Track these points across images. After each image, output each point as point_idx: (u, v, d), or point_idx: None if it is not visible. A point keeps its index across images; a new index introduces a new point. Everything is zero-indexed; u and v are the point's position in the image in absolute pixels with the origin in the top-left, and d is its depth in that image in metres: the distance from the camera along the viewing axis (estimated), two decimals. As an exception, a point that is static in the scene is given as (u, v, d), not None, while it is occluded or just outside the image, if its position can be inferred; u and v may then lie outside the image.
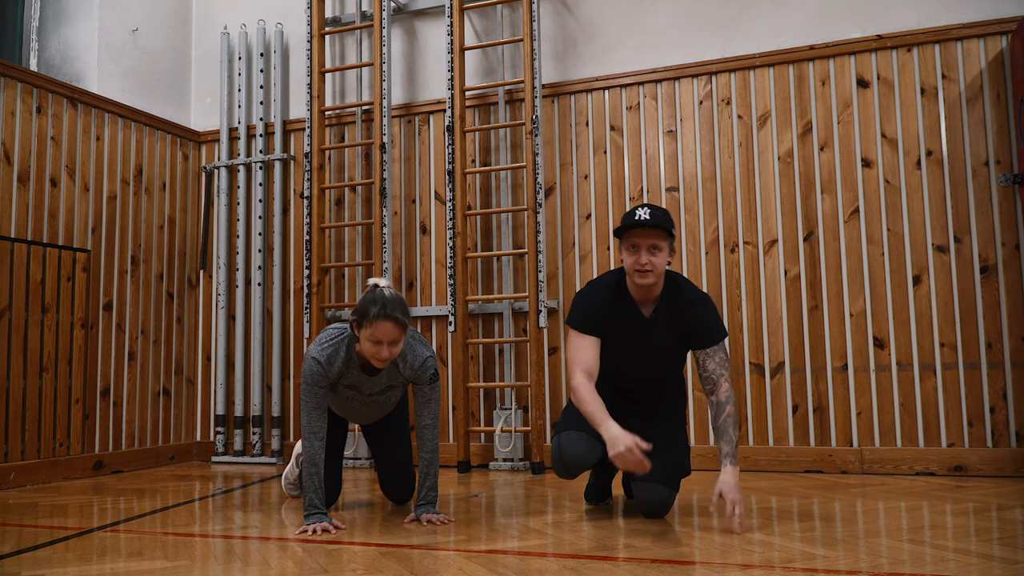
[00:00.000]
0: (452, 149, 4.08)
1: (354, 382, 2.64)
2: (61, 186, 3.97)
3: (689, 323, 2.58)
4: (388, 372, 2.64)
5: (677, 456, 2.67)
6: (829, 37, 3.81)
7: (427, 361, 2.62)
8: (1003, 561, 1.97)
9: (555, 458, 2.64)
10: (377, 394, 2.71)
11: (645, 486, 2.58)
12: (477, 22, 4.42)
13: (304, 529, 2.48)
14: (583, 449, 2.60)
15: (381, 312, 2.41)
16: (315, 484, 2.54)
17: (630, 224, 2.49)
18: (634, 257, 2.51)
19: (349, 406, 2.77)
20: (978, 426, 3.45)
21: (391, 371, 2.64)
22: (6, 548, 2.33)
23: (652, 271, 2.50)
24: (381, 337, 2.43)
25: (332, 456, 2.85)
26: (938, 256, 3.57)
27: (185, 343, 4.68)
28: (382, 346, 2.44)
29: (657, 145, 4.03)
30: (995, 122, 3.53)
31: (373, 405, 2.76)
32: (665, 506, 2.61)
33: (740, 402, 3.77)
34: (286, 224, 4.65)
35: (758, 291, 3.80)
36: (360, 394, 2.69)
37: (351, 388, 2.67)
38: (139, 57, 4.59)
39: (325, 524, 2.49)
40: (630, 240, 2.52)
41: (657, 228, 2.48)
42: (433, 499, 2.64)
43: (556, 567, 2.01)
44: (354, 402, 2.73)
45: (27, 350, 3.68)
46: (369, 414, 2.83)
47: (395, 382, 2.69)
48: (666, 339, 2.61)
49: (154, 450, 4.40)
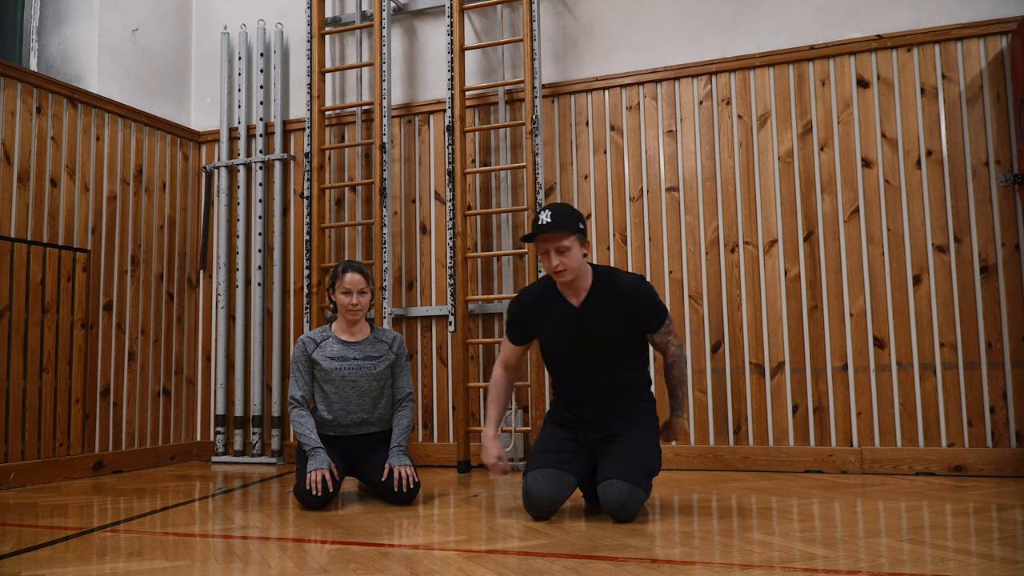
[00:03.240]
0: (452, 149, 4.08)
1: (340, 353, 3.08)
2: (61, 186, 3.97)
3: (629, 311, 2.67)
4: (367, 342, 3.12)
5: (640, 455, 2.61)
6: (829, 37, 3.81)
7: (398, 338, 3.18)
8: (1003, 561, 1.98)
9: (525, 501, 2.64)
10: (362, 360, 3.08)
11: (604, 485, 2.55)
12: (477, 22, 4.42)
13: (308, 483, 2.86)
14: (551, 490, 2.60)
15: (347, 267, 3.06)
16: (306, 429, 2.99)
17: (534, 231, 2.61)
18: (546, 261, 2.63)
19: (341, 391, 3.06)
20: (978, 426, 3.45)
21: (371, 342, 3.12)
22: (6, 548, 2.33)
23: (565, 270, 2.61)
24: (350, 287, 3.03)
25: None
26: (938, 256, 3.57)
27: (185, 343, 4.68)
28: (352, 295, 3.03)
29: (657, 145, 4.03)
30: (995, 122, 3.53)
31: (361, 385, 3.06)
32: (627, 505, 2.51)
33: (740, 402, 3.78)
34: (286, 224, 4.65)
35: (758, 291, 3.80)
36: (346, 362, 3.06)
37: (339, 360, 3.06)
38: (139, 57, 4.59)
39: (324, 473, 2.88)
40: (539, 246, 2.64)
41: (559, 231, 2.58)
42: (405, 446, 3.07)
43: (556, 567, 2.01)
44: (345, 382, 3.06)
45: (27, 350, 3.68)
46: (361, 398, 3.08)
47: (374, 353, 3.11)
48: (600, 323, 2.67)
49: (154, 450, 4.40)
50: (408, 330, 4.32)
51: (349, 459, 3.11)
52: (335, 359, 3.07)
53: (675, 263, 3.93)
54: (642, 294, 2.66)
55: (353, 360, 3.08)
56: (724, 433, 3.79)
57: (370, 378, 3.08)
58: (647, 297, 2.67)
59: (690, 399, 3.86)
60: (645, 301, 2.67)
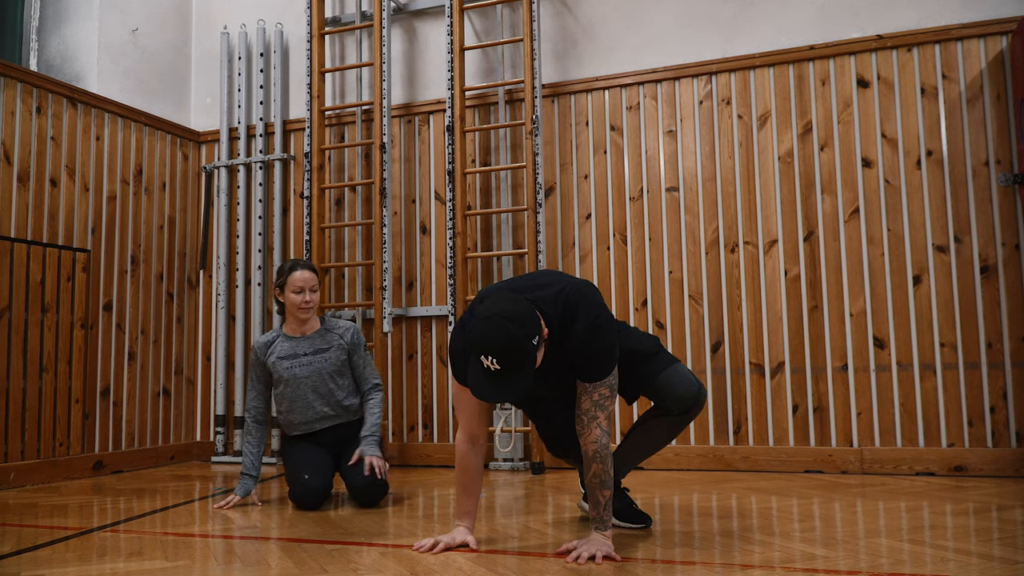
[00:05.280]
0: (452, 149, 4.08)
1: (289, 351, 3.06)
2: (61, 186, 3.97)
3: (574, 352, 2.14)
4: (316, 335, 3.09)
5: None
6: (829, 37, 3.81)
7: (351, 327, 3.13)
8: (1003, 561, 1.97)
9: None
10: (312, 355, 3.06)
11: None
12: (477, 22, 4.42)
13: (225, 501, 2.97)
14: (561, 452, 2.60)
15: (295, 265, 3.03)
16: (246, 451, 3.05)
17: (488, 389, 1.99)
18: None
19: (296, 389, 3.05)
20: (978, 426, 3.45)
21: (320, 334, 3.10)
22: (6, 548, 2.33)
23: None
24: (301, 284, 3.00)
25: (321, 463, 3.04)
26: (938, 256, 3.56)
27: (185, 343, 4.68)
28: (303, 292, 3.01)
29: (657, 145, 4.03)
30: (995, 122, 3.53)
31: (314, 379, 3.04)
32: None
33: (740, 402, 3.77)
34: (286, 224, 4.65)
35: (758, 291, 3.80)
36: (296, 359, 3.05)
37: (289, 358, 3.05)
38: (139, 57, 4.59)
39: (235, 500, 2.96)
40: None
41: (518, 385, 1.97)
42: (378, 436, 3.03)
43: (556, 567, 2.01)
44: (298, 380, 3.04)
45: (27, 350, 3.68)
46: (317, 392, 3.05)
47: (323, 345, 3.08)
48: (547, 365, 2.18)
49: (154, 450, 4.40)
50: (408, 330, 4.32)
51: (330, 455, 3.10)
52: (285, 358, 3.06)
53: (675, 263, 3.93)
54: (594, 341, 2.13)
55: (303, 356, 3.06)
56: (724, 433, 3.79)
57: (322, 371, 3.05)
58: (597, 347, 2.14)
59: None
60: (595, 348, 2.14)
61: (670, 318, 3.91)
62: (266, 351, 3.08)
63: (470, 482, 2.28)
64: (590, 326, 2.11)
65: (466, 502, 2.29)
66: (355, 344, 3.11)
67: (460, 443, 2.28)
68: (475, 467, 2.27)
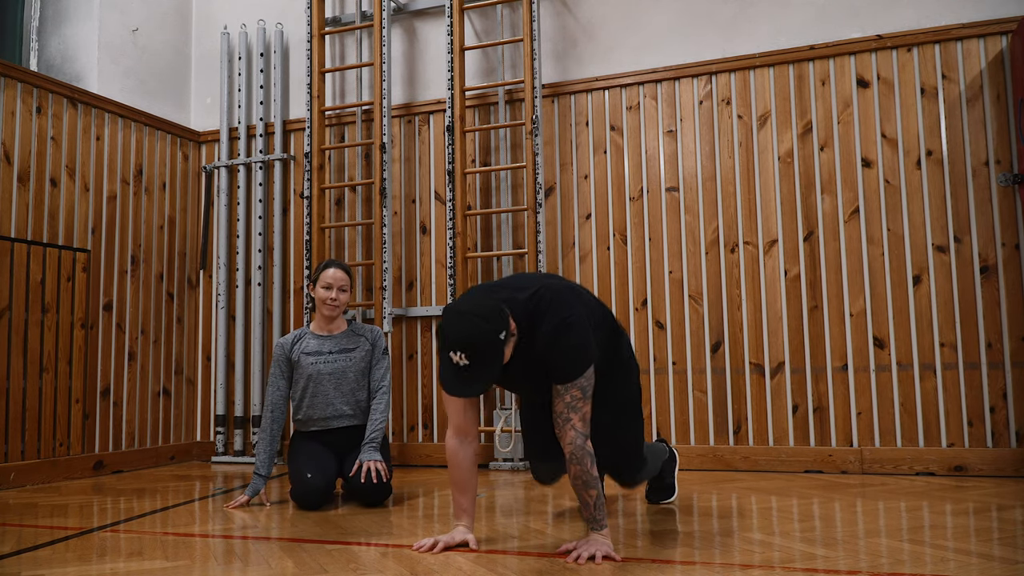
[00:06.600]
0: (452, 149, 4.08)
1: (315, 348, 3.11)
2: (61, 186, 3.97)
3: (545, 354, 2.16)
4: (343, 335, 3.16)
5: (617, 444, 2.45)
6: (829, 37, 3.81)
7: (377, 330, 3.21)
8: (1003, 561, 1.97)
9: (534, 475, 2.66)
10: (337, 353, 3.11)
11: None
12: (477, 22, 4.42)
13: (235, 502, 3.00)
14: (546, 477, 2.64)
15: (328, 263, 3.12)
16: (261, 449, 3.03)
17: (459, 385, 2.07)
18: None
19: (318, 385, 3.08)
20: (978, 426, 3.45)
21: (347, 335, 3.16)
22: (6, 548, 2.33)
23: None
24: (331, 282, 3.07)
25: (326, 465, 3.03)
26: (938, 256, 3.57)
27: (185, 343, 4.68)
28: (332, 290, 3.07)
29: (657, 145, 4.03)
30: (995, 122, 3.53)
31: (337, 377, 3.09)
32: (619, 472, 2.52)
33: (740, 402, 3.77)
34: (286, 224, 4.65)
35: (758, 291, 3.80)
36: (322, 356, 3.10)
37: (315, 355, 3.10)
38: (139, 57, 4.59)
39: (244, 500, 2.98)
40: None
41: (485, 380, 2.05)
42: (379, 441, 3.04)
43: (556, 567, 2.01)
44: (322, 376, 3.08)
45: (27, 350, 3.68)
46: (338, 390, 3.09)
47: (350, 345, 3.14)
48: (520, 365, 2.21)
49: (154, 450, 4.40)
50: (408, 330, 4.32)
51: (336, 459, 3.11)
52: (311, 354, 3.11)
53: (675, 263, 3.93)
54: (563, 342, 2.15)
55: (328, 353, 3.11)
56: (724, 433, 3.79)
57: (346, 370, 3.10)
58: (566, 348, 2.15)
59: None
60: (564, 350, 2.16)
61: (670, 318, 3.91)
62: (292, 346, 3.13)
63: (463, 479, 2.28)
64: (557, 326, 2.13)
65: (462, 500, 2.30)
66: (376, 346, 3.19)
67: (449, 439, 2.30)
68: (467, 463, 2.28)
